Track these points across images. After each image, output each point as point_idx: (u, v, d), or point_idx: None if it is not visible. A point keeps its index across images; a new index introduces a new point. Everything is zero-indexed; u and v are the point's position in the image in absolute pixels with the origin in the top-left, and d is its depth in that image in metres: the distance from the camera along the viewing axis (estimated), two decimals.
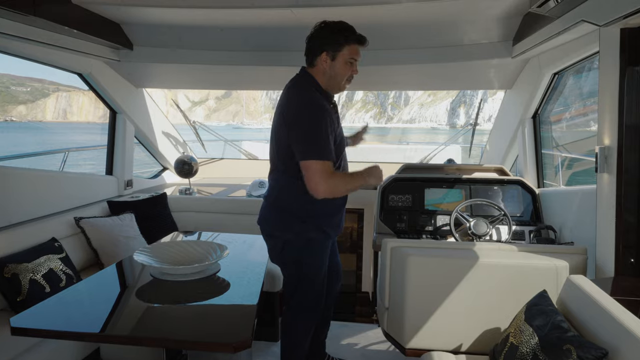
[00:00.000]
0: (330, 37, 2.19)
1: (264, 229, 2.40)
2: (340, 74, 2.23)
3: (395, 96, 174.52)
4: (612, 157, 2.06)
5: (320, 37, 2.21)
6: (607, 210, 2.11)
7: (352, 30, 2.21)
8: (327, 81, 2.25)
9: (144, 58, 3.58)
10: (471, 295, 2.18)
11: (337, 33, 2.19)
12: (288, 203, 2.27)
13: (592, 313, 1.67)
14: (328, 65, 2.21)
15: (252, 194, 4.17)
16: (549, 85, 3.38)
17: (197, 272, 2.31)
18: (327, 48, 2.19)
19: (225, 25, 3.35)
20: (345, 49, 2.19)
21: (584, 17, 2.09)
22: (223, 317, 2.01)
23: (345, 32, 2.19)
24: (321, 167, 2.07)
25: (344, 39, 2.18)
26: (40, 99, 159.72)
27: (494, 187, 3.62)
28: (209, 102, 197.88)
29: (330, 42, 2.18)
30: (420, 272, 2.22)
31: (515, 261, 2.19)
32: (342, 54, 2.19)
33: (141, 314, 2.02)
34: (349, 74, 2.26)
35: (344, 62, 2.21)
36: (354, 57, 2.22)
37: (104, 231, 3.29)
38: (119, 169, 4.08)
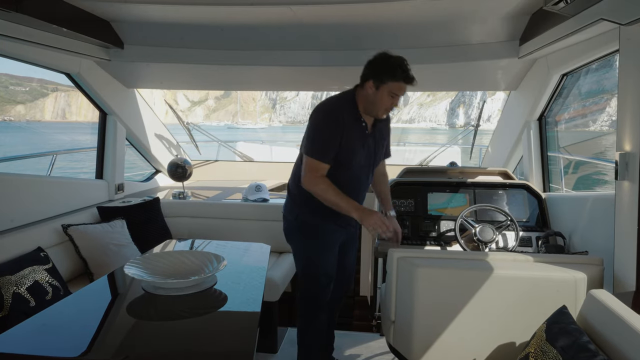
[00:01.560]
0: (382, 68, 2.31)
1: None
2: (380, 103, 2.36)
3: None
4: (634, 164, 1.94)
5: (374, 64, 2.36)
6: (628, 220, 1.99)
7: (405, 69, 2.30)
8: (366, 105, 2.40)
9: (135, 57, 3.43)
10: (484, 308, 2.06)
11: (389, 67, 2.30)
12: (292, 188, 2.61)
13: (620, 333, 1.55)
14: (372, 92, 2.35)
15: (249, 198, 4.03)
16: (557, 86, 3.27)
17: (192, 285, 2.17)
18: (374, 77, 2.32)
19: (222, 23, 3.21)
20: (391, 83, 2.30)
21: (603, 16, 1.97)
22: (221, 331, 1.87)
23: (397, 70, 2.29)
24: (312, 163, 2.35)
25: (392, 75, 2.29)
26: (39, 98, 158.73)
27: (499, 192, 3.51)
28: (208, 101, 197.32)
29: (379, 73, 2.32)
30: (429, 284, 2.10)
31: (531, 273, 2.07)
32: (386, 86, 2.31)
33: (132, 332, 1.88)
34: (389, 105, 2.38)
35: (387, 94, 2.33)
36: (397, 92, 2.33)
37: (94, 239, 3.13)
38: (109, 172, 3.92)
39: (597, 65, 2.94)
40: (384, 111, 2.40)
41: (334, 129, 2.32)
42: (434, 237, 3.36)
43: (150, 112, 4.52)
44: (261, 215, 3.81)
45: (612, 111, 31.91)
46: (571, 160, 3.98)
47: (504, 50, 3.19)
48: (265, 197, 4.02)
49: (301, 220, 2.55)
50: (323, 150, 2.34)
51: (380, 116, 2.42)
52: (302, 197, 2.48)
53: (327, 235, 2.53)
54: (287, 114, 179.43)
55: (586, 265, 2.11)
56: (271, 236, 3.57)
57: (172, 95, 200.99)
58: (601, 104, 24.19)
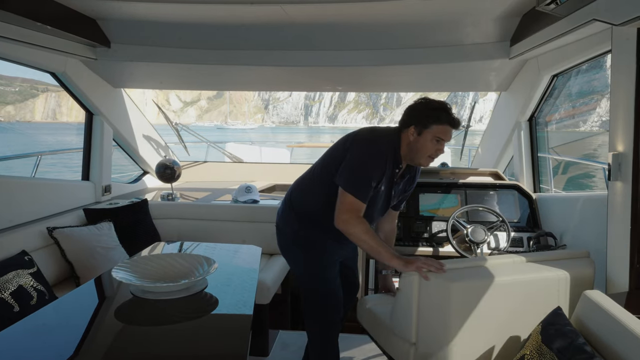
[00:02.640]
0: (423, 113, 2.19)
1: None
2: (423, 149, 2.20)
3: (387, 97, 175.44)
4: (626, 164, 1.95)
5: (415, 110, 2.23)
6: (621, 221, 1.99)
7: (448, 112, 2.19)
8: (408, 151, 2.25)
9: (122, 56, 3.36)
10: (487, 314, 1.99)
11: (430, 110, 2.19)
12: (296, 202, 2.45)
13: (615, 334, 1.54)
14: (413, 138, 2.21)
15: (239, 199, 3.98)
16: (547, 87, 3.28)
17: (182, 289, 2.12)
18: (415, 123, 2.19)
19: (212, 22, 3.16)
20: (435, 127, 2.17)
21: (596, 16, 1.97)
22: (213, 335, 1.83)
23: (441, 112, 2.17)
24: (352, 202, 2.14)
25: (437, 118, 2.17)
26: (29, 99, 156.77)
27: (490, 192, 3.52)
28: (200, 102, 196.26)
29: (420, 118, 2.18)
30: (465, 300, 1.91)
31: (528, 275, 2.05)
32: (429, 131, 2.17)
33: (120, 337, 1.83)
34: (433, 152, 2.21)
35: (430, 139, 2.18)
36: (441, 137, 2.19)
37: (80, 242, 3.06)
38: (96, 173, 3.84)
39: (586, 66, 2.95)
40: (428, 159, 2.22)
41: (378, 174, 2.17)
42: (426, 238, 3.35)
43: (138, 112, 4.45)
44: (251, 216, 3.76)
45: (602, 111, 32.43)
46: (560, 161, 4.01)
47: (495, 51, 3.19)
48: (256, 198, 3.98)
49: (302, 236, 2.38)
50: (366, 192, 2.16)
51: (424, 164, 2.26)
52: (308, 213, 2.37)
53: (329, 252, 2.39)
54: (280, 114, 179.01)
55: (575, 260, 2.09)
56: (262, 238, 3.53)
57: (164, 96, 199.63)
58: (591, 104, 24.52)
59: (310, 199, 2.37)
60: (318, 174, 2.37)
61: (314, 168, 2.42)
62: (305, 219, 2.37)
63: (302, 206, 2.39)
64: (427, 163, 2.25)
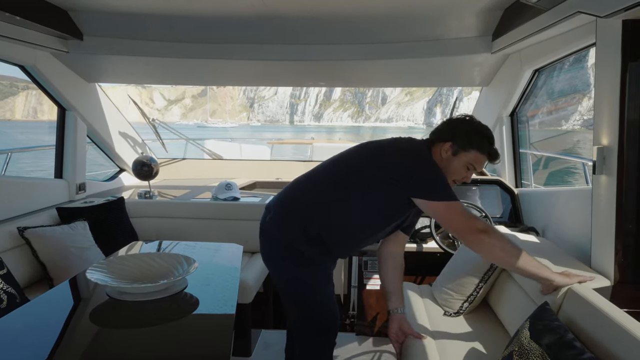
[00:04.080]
0: (467, 134, 1.96)
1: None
2: (453, 172, 1.97)
3: (372, 95, 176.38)
4: (611, 158, 1.94)
5: (457, 128, 2.00)
6: (606, 215, 1.99)
7: (491, 141, 1.98)
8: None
9: (95, 49, 3.24)
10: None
11: (475, 134, 1.96)
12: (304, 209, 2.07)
13: (603, 328, 1.53)
14: (446, 156, 1.97)
15: (219, 196, 3.89)
16: (529, 82, 3.28)
17: (160, 290, 2.04)
18: (455, 140, 1.95)
19: (188, 14, 3.07)
20: (473, 153, 1.95)
21: (580, 8, 1.96)
22: (194, 336, 1.77)
23: (484, 140, 1.96)
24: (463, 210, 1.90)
25: (479, 145, 1.95)
26: (9, 97, 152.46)
27: (472, 188, 3.52)
28: (185, 100, 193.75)
29: (462, 138, 1.95)
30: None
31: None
32: (467, 155, 1.95)
33: (96, 341, 1.74)
34: (460, 178, 2.00)
35: (463, 164, 1.96)
36: (475, 165, 1.98)
37: (53, 242, 2.94)
38: (69, 171, 3.70)
39: (568, 64, 2.96)
40: (452, 183, 1.98)
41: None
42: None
43: (113, 108, 4.32)
44: (232, 214, 3.68)
45: (583, 109, 33.13)
46: (540, 156, 4.04)
47: (477, 46, 3.18)
48: (236, 195, 3.90)
49: (298, 250, 2.00)
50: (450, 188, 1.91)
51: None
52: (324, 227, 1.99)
53: (323, 268, 2.07)
54: (266, 112, 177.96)
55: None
56: (242, 236, 3.45)
57: (148, 94, 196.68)
58: (571, 101, 25.07)
59: (320, 209, 2.00)
60: (322, 178, 2.06)
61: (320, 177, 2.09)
62: (314, 234, 1.99)
63: (313, 215, 2.00)
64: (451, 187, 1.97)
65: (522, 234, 2.68)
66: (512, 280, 2.34)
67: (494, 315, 2.46)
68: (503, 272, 2.46)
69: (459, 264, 2.62)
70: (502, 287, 2.42)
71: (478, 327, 2.36)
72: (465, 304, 2.47)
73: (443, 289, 2.58)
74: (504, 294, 2.38)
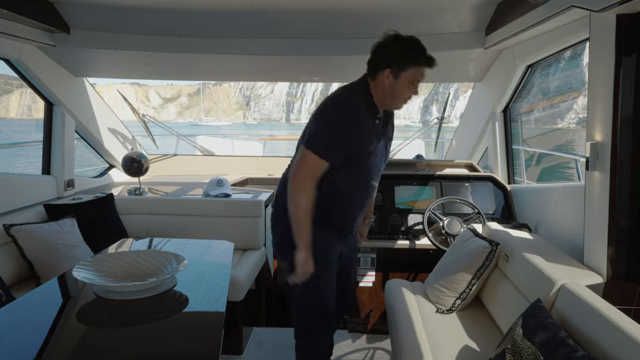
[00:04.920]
0: (400, 54, 1.98)
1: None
2: (400, 94, 2.03)
3: None
4: (605, 154, 1.93)
5: (389, 50, 2.00)
6: (599, 211, 1.97)
7: (424, 51, 2.00)
8: (383, 98, 2.06)
9: (82, 43, 3.17)
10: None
11: (409, 51, 1.98)
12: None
13: (598, 326, 1.52)
14: (389, 83, 2.01)
15: (210, 193, 3.85)
16: (521, 78, 3.27)
17: (149, 288, 2.00)
18: (393, 65, 1.98)
19: (178, 7, 3.01)
20: (413, 70, 1.99)
21: (574, 2, 1.94)
22: (183, 335, 1.74)
23: (417, 53, 1.98)
24: (311, 159, 1.98)
25: (414, 61, 1.98)
26: (3, 95, 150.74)
27: (465, 184, 3.50)
28: (181, 98, 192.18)
29: (398, 60, 1.98)
30: None
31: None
32: (407, 74, 1.99)
33: (83, 340, 1.70)
34: (409, 95, 2.06)
35: (407, 83, 2.01)
36: (419, 79, 2.03)
37: (40, 239, 2.88)
38: (57, 167, 3.64)
39: (562, 61, 2.95)
40: (403, 102, 2.07)
41: (345, 125, 1.98)
42: (403, 232, 3.30)
43: (102, 103, 4.25)
44: (223, 211, 3.64)
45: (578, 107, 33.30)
46: (533, 153, 4.03)
47: (470, 41, 3.16)
48: (228, 192, 3.85)
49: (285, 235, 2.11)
50: (327, 146, 1.98)
51: (399, 108, 2.11)
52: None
53: (327, 250, 2.12)
54: (262, 111, 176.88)
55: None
56: (234, 233, 3.42)
57: (144, 92, 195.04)
58: (565, 98, 25.22)
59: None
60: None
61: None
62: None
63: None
64: (402, 106, 2.12)
65: (514, 231, 2.66)
66: (505, 277, 2.33)
67: (486, 313, 2.45)
68: (496, 269, 2.44)
69: (452, 260, 2.60)
70: (495, 284, 2.40)
71: (471, 324, 2.35)
72: (457, 301, 2.46)
73: (435, 286, 2.56)
74: (497, 291, 2.36)
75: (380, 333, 3.30)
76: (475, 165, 3.74)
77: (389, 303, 2.68)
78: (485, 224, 3.02)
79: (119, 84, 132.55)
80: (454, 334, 2.25)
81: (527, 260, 2.13)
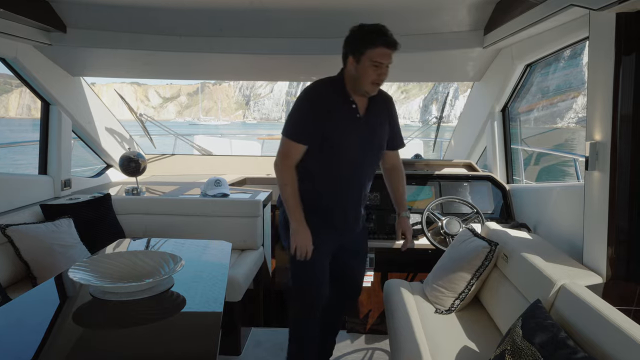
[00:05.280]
0: (356, 40, 2.16)
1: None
2: (364, 77, 2.16)
3: None
4: (604, 153, 1.91)
5: (349, 38, 2.20)
6: (598, 211, 1.96)
7: (380, 33, 2.12)
8: (352, 83, 2.22)
9: (79, 42, 3.15)
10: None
11: (364, 34, 2.14)
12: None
13: (598, 327, 1.51)
14: (354, 68, 2.18)
15: (208, 193, 3.83)
16: (520, 77, 3.26)
17: (146, 289, 1.99)
18: (352, 51, 2.16)
19: (175, 6, 2.99)
20: (370, 51, 2.11)
21: (573, 1, 1.93)
22: (180, 335, 1.73)
23: (372, 35, 2.12)
24: (284, 143, 2.23)
25: (369, 42, 2.11)
26: (3, 94, 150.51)
27: (464, 184, 3.49)
28: (180, 98, 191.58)
29: (355, 46, 2.15)
30: None
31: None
32: (366, 56, 2.12)
33: (79, 342, 1.69)
34: (375, 77, 2.16)
35: (369, 65, 2.13)
36: (379, 61, 2.12)
37: (37, 240, 2.86)
38: (54, 167, 3.62)
39: (561, 61, 2.93)
40: (371, 85, 2.18)
41: (315, 107, 2.18)
42: None
43: (99, 102, 4.23)
44: (221, 211, 3.62)
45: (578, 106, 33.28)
46: (532, 152, 4.02)
47: (468, 40, 3.14)
48: (225, 192, 3.84)
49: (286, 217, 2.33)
50: (298, 129, 2.20)
51: (370, 92, 2.21)
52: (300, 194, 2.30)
53: (314, 237, 2.26)
54: (261, 110, 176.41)
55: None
56: (232, 233, 3.40)
57: (143, 92, 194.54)
58: (563, 96, 25.24)
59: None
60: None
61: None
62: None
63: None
64: (373, 89, 2.21)
65: (513, 230, 2.65)
66: (504, 278, 2.32)
67: (485, 313, 2.44)
68: (495, 269, 2.43)
69: (451, 260, 2.59)
70: (494, 284, 2.39)
71: (470, 324, 2.34)
72: (456, 301, 2.45)
73: (434, 286, 2.55)
74: (496, 291, 2.35)
75: (378, 333, 3.29)
76: (474, 165, 3.73)
77: (387, 303, 2.67)
78: (484, 224, 3.01)
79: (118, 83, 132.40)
80: (453, 335, 2.24)
81: (527, 260, 2.12)
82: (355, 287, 2.57)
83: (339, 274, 2.45)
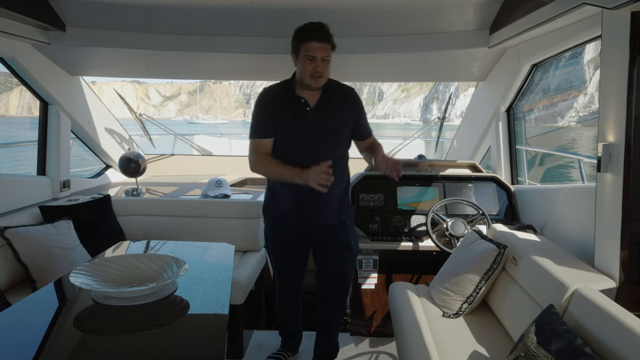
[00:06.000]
0: (295, 38, 2.36)
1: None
2: (303, 70, 2.35)
3: (369, 92, 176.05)
4: (618, 155, 1.88)
5: (291, 39, 2.38)
6: (611, 214, 1.93)
7: (313, 28, 2.30)
8: (299, 79, 2.42)
9: (78, 41, 3.10)
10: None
11: (298, 32, 2.34)
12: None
13: (614, 332, 1.47)
14: (295, 63, 2.41)
15: (209, 194, 3.78)
16: (526, 77, 3.22)
17: (149, 294, 1.94)
18: (293, 49, 2.38)
19: (175, 4, 2.94)
20: (303, 46, 2.30)
21: (586, 0, 1.89)
22: (185, 340, 1.68)
23: (305, 31, 2.31)
24: (250, 144, 2.48)
25: (303, 38, 2.31)
26: (3, 92, 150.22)
27: (468, 185, 3.45)
28: (181, 96, 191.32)
29: (294, 43, 2.36)
30: None
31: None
32: (301, 52, 2.32)
33: (80, 348, 1.64)
34: (310, 70, 2.33)
35: (303, 59, 2.32)
36: (310, 54, 2.29)
37: (36, 242, 2.81)
38: (53, 168, 3.56)
39: (562, 60, 2.90)
40: (310, 78, 2.34)
41: (263, 108, 2.44)
42: (406, 233, 3.25)
43: (98, 102, 4.18)
44: (223, 212, 3.58)
45: (578, 105, 33.28)
46: (535, 153, 3.98)
47: (474, 40, 3.10)
48: (227, 192, 3.79)
49: (262, 207, 2.71)
50: (255, 129, 2.45)
51: (312, 84, 2.36)
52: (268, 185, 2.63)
53: (278, 229, 2.63)
54: None
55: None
56: (234, 235, 3.36)
57: (144, 90, 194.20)
58: (564, 95, 25.25)
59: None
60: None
61: None
62: (267, 191, 2.68)
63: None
64: (314, 82, 2.35)
65: (520, 232, 2.61)
66: (513, 281, 2.28)
67: (494, 317, 2.40)
68: (503, 272, 2.39)
69: (458, 262, 2.55)
70: (503, 288, 2.35)
71: (479, 329, 2.30)
72: (464, 304, 2.41)
73: (441, 289, 2.51)
74: (505, 295, 2.31)
75: (383, 336, 3.25)
76: (478, 166, 3.69)
77: (393, 306, 2.63)
78: (490, 226, 2.97)
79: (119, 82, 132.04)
80: (462, 339, 2.21)
81: (537, 263, 2.08)
82: (331, 280, 2.69)
83: (317, 266, 2.68)
